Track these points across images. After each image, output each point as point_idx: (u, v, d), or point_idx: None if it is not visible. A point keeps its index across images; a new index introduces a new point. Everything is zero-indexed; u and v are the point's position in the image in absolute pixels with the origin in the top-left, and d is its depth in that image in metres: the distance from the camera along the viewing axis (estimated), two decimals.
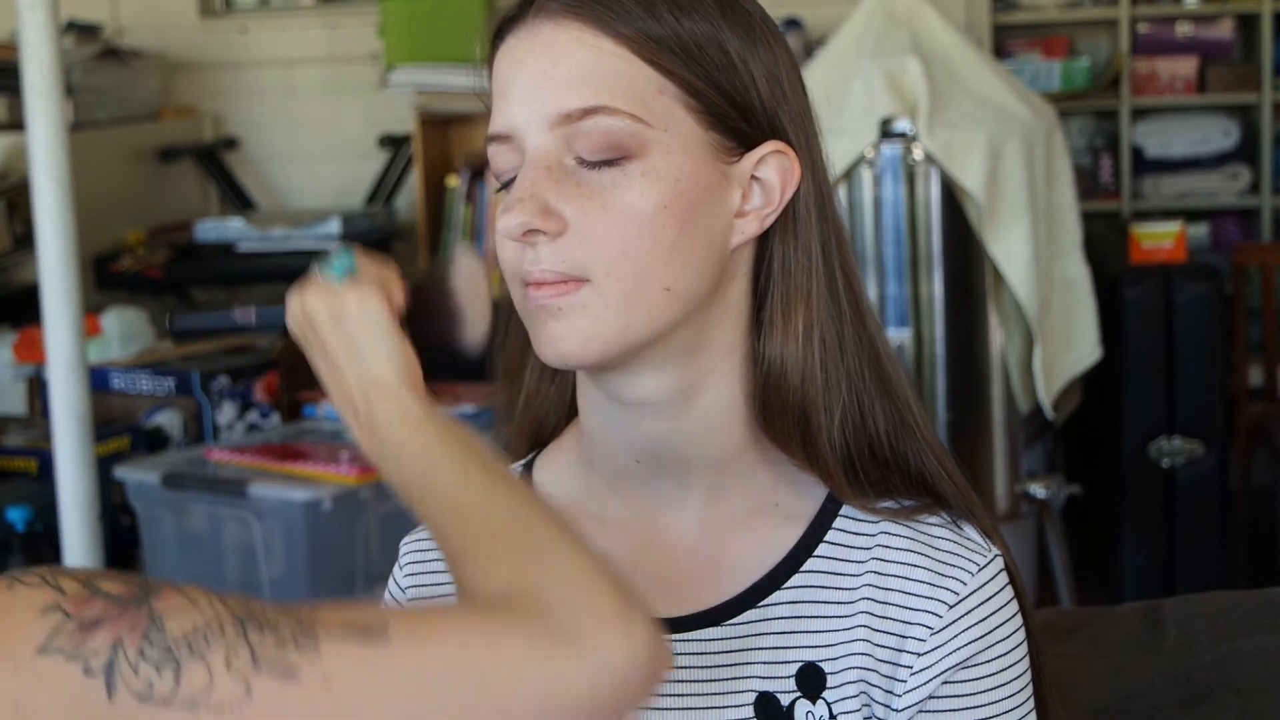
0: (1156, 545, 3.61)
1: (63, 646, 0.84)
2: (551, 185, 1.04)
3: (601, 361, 1.05)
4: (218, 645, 0.84)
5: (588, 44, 1.04)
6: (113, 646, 0.84)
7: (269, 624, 0.85)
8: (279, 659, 0.84)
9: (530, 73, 1.05)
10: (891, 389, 1.11)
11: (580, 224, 1.03)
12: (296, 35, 4.97)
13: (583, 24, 1.04)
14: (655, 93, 1.04)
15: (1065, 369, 3.36)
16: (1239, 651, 1.52)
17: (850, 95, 3.19)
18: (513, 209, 1.03)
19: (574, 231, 1.03)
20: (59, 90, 3.02)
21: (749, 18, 1.08)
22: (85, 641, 0.84)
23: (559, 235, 1.03)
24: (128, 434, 3.84)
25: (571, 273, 1.03)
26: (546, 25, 1.05)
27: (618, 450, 1.11)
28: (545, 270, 1.03)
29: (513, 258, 1.05)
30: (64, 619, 0.84)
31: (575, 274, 1.03)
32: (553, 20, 1.05)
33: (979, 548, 1.10)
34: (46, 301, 3.11)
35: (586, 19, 1.04)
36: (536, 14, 1.06)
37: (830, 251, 1.10)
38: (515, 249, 1.05)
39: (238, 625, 0.85)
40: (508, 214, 1.04)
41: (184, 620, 0.85)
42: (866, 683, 1.08)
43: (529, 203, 1.03)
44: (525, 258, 1.04)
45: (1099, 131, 4.80)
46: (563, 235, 1.03)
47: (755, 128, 1.08)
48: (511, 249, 1.05)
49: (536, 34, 1.06)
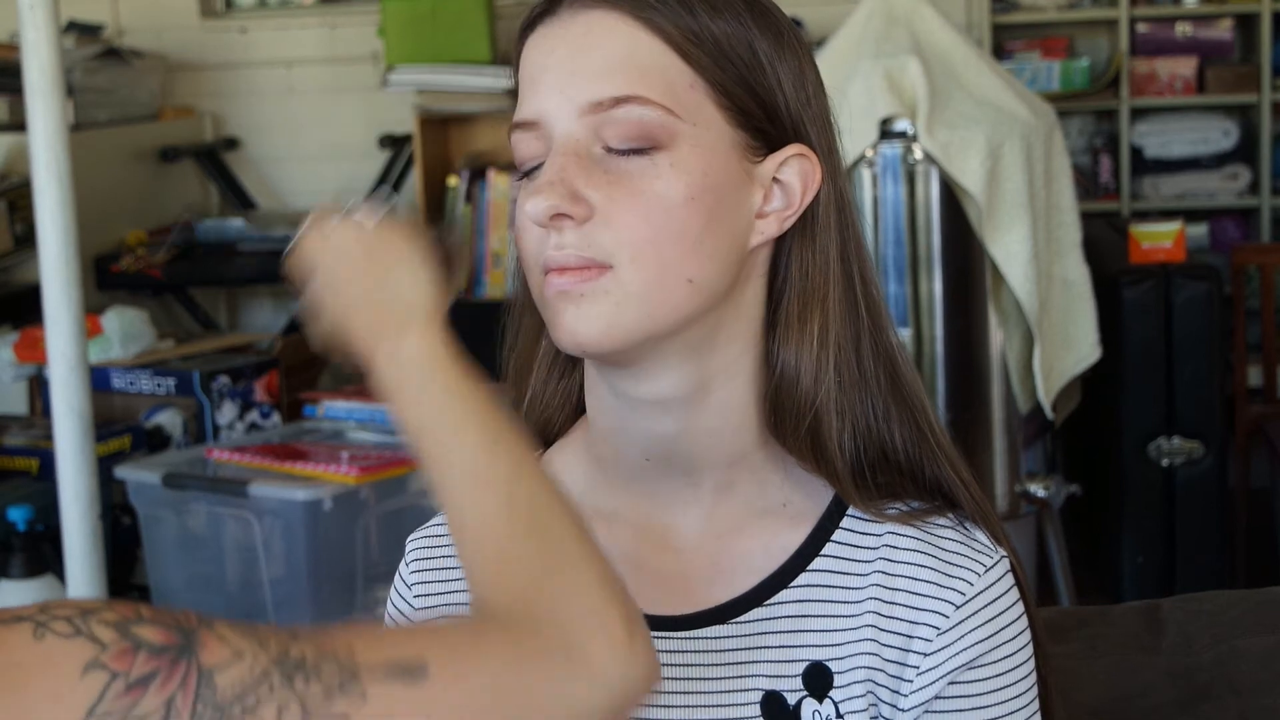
0: (1156, 545, 3.61)
1: (112, 711, 0.80)
2: (580, 171, 1.03)
3: (620, 351, 1.05)
4: (268, 701, 0.82)
5: (622, 34, 1.04)
6: (165, 706, 0.81)
7: (312, 670, 0.84)
8: (328, 710, 0.83)
9: (561, 60, 1.05)
10: (907, 396, 1.12)
11: (607, 210, 1.03)
12: (296, 35, 4.97)
13: (619, 14, 1.05)
14: (687, 87, 1.04)
15: (1065, 369, 3.36)
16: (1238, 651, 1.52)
17: (850, 95, 3.19)
18: (541, 192, 1.03)
19: (600, 217, 1.03)
20: (60, 90, 3.03)
21: (777, 24, 1.09)
22: (135, 704, 0.80)
23: (585, 221, 1.03)
24: (128, 434, 3.84)
25: (596, 258, 1.03)
26: (580, 15, 1.05)
27: (627, 449, 1.11)
28: (569, 254, 1.03)
29: (535, 242, 1.05)
30: (110, 678, 0.80)
31: (599, 259, 1.03)
32: (586, 9, 1.05)
33: (986, 549, 1.10)
34: (47, 301, 3.11)
35: (623, 9, 1.05)
36: (571, 3, 1.06)
37: (849, 258, 1.10)
38: (538, 234, 1.05)
39: (284, 675, 0.83)
40: (536, 197, 1.03)
41: (232, 675, 0.82)
42: (873, 682, 1.08)
43: (558, 186, 1.03)
44: (549, 242, 1.04)
45: (1098, 132, 4.81)
46: (589, 221, 1.03)
47: (780, 130, 1.08)
48: (535, 234, 1.05)
49: (569, 23, 1.06)
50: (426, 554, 1.18)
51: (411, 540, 1.20)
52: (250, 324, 5.01)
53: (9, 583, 3.47)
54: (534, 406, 1.18)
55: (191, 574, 3.64)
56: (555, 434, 1.19)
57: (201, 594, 3.63)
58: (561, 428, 1.19)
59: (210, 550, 3.62)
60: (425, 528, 1.20)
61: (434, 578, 1.17)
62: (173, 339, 4.24)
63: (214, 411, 3.93)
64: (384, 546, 3.56)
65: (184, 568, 3.64)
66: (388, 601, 1.20)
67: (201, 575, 3.63)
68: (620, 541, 1.12)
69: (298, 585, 3.50)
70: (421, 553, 1.19)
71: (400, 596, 1.19)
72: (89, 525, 3.15)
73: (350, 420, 3.84)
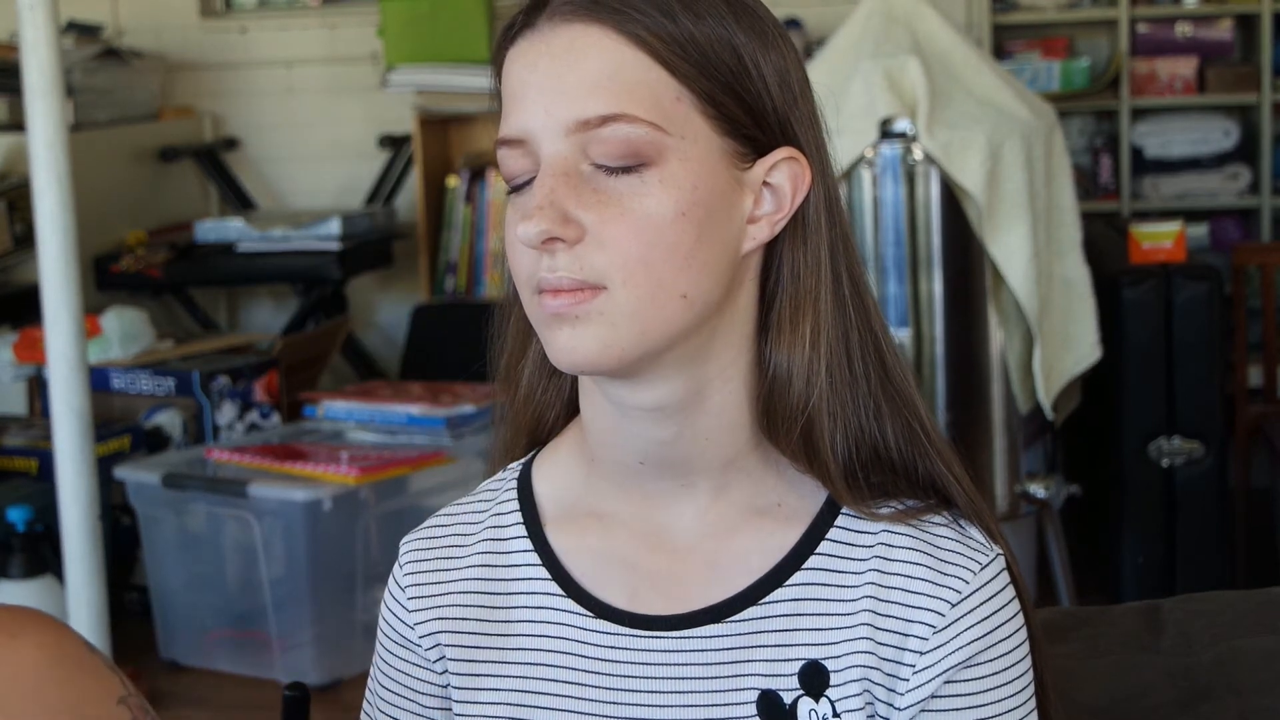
0: (1156, 545, 3.60)
1: None
2: (570, 192, 1.03)
3: (617, 369, 1.05)
4: None
5: (607, 49, 1.03)
6: None
7: None
8: None
9: (546, 76, 1.04)
10: (898, 394, 1.11)
11: (599, 231, 1.03)
12: (296, 35, 4.97)
13: (601, 26, 1.03)
14: (673, 100, 1.04)
15: (1065, 369, 3.36)
16: (1238, 651, 1.52)
17: (850, 95, 3.19)
18: (532, 217, 1.02)
19: (592, 238, 1.03)
20: (59, 90, 3.03)
21: (760, 21, 1.08)
22: None
23: (577, 242, 1.03)
24: (128, 434, 3.84)
25: (589, 280, 1.03)
26: (562, 28, 1.04)
27: (622, 452, 1.11)
28: (562, 277, 1.03)
29: (528, 264, 1.05)
30: None
31: (592, 281, 1.03)
32: (568, 22, 1.04)
33: (982, 547, 1.10)
34: (47, 301, 3.11)
35: (605, 21, 1.03)
36: (551, 15, 1.05)
37: (838, 256, 1.10)
38: (531, 256, 1.04)
39: None
40: (527, 222, 1.02)
41: None
42: (870, 681, 1.08)
43: (548, 210, 1.02)
44: (541, 265, 1.04)
45: (1098, 131, 4.80)
46: (580, 242, 1.03)
47: (768, 134, 1.07)
48: (527, 255, 1.04)
49: (551, 37, 1.04)
50: (421, 556, 1.18)
51: (405, 542, 1.20)
52: (250, 324, 5.01)
53: (9, 583, 3.47)
54: (527, 404, 1.18)
55: (191, 574, 3.64)
56: (548, 432, 1.19)
57: (201, 594, 3.63)
58: (554, 425, 1.18)
59: (210, 550, 3.62)
60: (419, 529, 1.20)
61: (429, 579, 1.17)
62: (172, 339, 4.25)
63: (214, 412, 3.93)
64: (384, 547, 3.56)
65: (184, 568, 3.64)
66: (382, 604, 1.20)
67: (201, 575, 3.63)
68: (615, 541, 1.12)
69: (297, 585, 3.50)
70: (416, 555, 1.18)
71: (394, 599, 1.19)
72: (89, 525, 3.15)
73: (350, 420, 3.84)
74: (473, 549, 1.17)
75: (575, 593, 1.13)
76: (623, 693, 1.11)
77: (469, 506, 1.19)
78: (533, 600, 1.14)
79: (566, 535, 1.14)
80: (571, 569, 1.13)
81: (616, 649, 1.11)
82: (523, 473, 1.18)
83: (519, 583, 1.15)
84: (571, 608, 1.13)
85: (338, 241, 4.41)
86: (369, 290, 4.91)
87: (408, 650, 1.18)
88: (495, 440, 1.22)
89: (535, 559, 1.14)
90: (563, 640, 1.13)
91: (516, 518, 1.16)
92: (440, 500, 2.64)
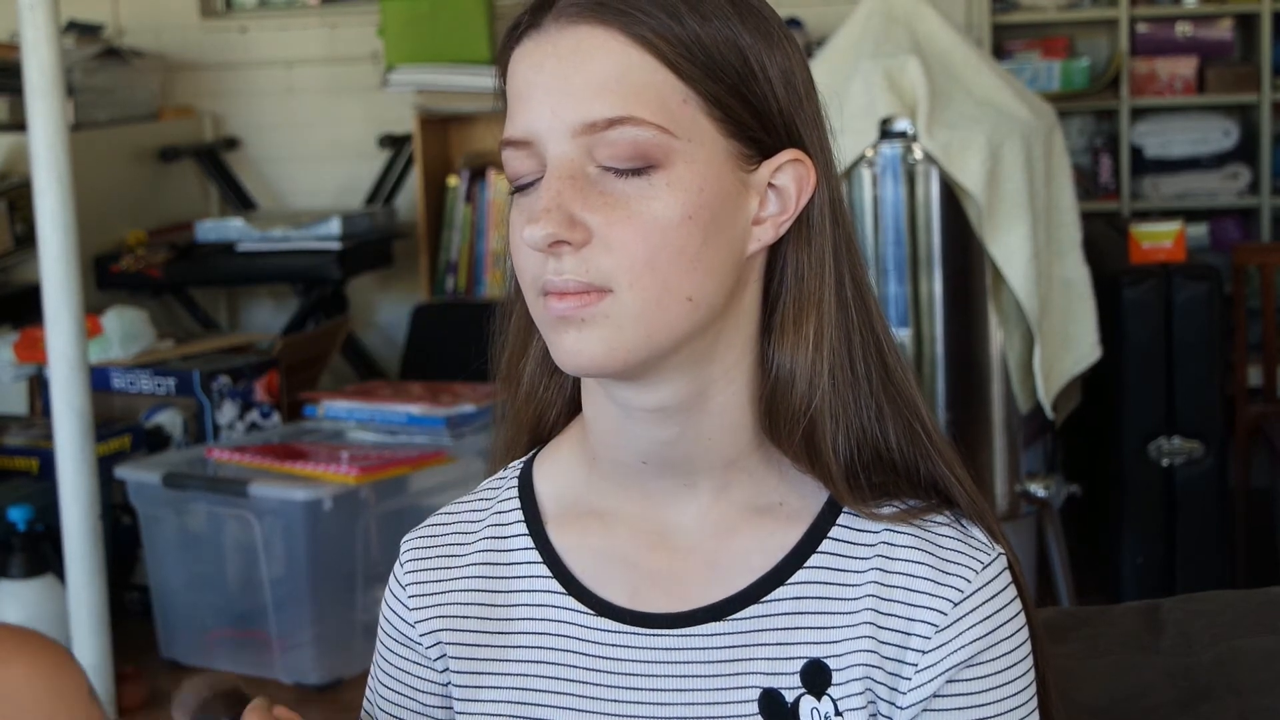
0: (1156, 545, 3.61)
1: None
2: (576, 195, 1.03)
3: (622, 371, 1.05)
4: None
5: (613, 50, 1.03)
6: None
7: None
8: None
9: (552, 78, 1.03)
10: (900, 395, 1.11)
11: (605, 233, 1.02)
12: (296, 35, 4.97)
13: (608, 28, 1.03)
14: (680, 102, 1.03)
15: (1065, 369, 3.36)
16: (1238, 651, 1.52)
17: (850, 95, 3.19)
18: (539, 220, 1.02)
19: (599, 241, 1.03)
20: (59, 90, 3.03)
21: (766, 22, 1.08)
22: None
23: (583, 245, 1.03)
24: (128, 434, 3.85)
25: (595, 283, 1.03)
26: (568, 29, 1.04)
27: (625, 452, 1.11)
28: (568, 279, 1.03)
29: (534, 267, 1.04)
30: None
31: (599, 284, 1.03)
32: (574, 23, 1.03)
33: (983, 547, 1.10)
34: (47, 301, 3.11)
35: (611, 23, 1.03)
36: (557, 16, 1.04)
37: (841, 257, 1.10)
38: (537, 258, 1.04)
39: None
40: (534, 225, 1.02)
41: None
42: (872, 679, 1.08)
43: (555, 213, 1.02)
44: (548, 267, 1.03)
45: (1098, 131, 4.80)
46: (587, 245, 1.03)
47: (773, 136, 1.07)
48: (533, 257, 1.04)
49: (558, 38, 1.04)
50: (422, 554, 1.18)
51: (406, 540, 1.20)
52: (250, 324, 5.01)
53: (9, 582, 3.47)
54: (528, 403, 1.18)
55: (191, 574, 3.64)
56: (549, 431, 1.19)
57: (201, 594, 3.63)
58: (556, 424, 1.18)
59: (210, 550, 3.62)
60: (420, 527, 1.20)
61: (430, 578, 1.17)
62: (172, 339, 4.25)
63: (214, 411, 3.93)
64: (384, 546, 3.56)
65: (184, 568, 3.64)
66: (382, 602, 1.20)
67: (201, 575, 3.63)
68: (616, 540, 1.12)
69: (298, 585, 3.50)
70: (417, 553, 1.18)
71: (395, 597, 1.19)
72: (89, 525, 3.15)
73: (350, 420, 3.84)
74: (474, 547, 1.17)
75: (577, 591, 1.13)
76: (624, 690, 1.11)
77: (470, 505, 1.19)
78: (534, 598, 1.14)
79: (568, 534, 1.15)
80: (573, 567, 1.14)
81: (618, 647, 1.11)
82: (524, 471, 1.18)
83: (520, 581, 1.15)
84: (573, 605, 1.13)
85: (338, 241, 4.41)
86: (369, 290, 4.91)
87: (408, 649, 1.18)
88: (496, 439, 1.22)
89: (536, 557, 1.15)
90: (564, 638, 1.13)
91: (518, 516, 1.16)
92: (440, 500, 2.64)
